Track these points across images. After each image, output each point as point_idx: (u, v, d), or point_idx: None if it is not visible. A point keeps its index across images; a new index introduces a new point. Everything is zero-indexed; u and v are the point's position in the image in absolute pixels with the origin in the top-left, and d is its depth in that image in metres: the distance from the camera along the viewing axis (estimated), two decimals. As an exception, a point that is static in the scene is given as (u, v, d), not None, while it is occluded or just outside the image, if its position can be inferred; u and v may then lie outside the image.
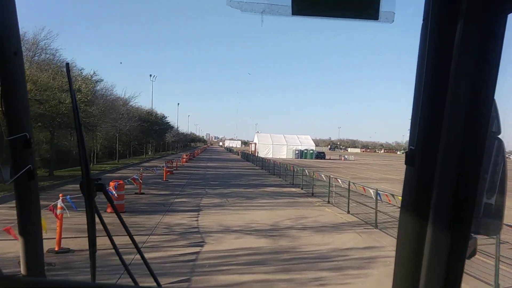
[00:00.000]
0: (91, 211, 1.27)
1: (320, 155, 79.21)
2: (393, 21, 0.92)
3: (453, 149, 0.84)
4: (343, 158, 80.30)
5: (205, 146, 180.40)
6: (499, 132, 0.90)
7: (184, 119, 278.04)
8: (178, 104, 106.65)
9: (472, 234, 0.90)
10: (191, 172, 28.29)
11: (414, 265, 0.91)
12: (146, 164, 31.46)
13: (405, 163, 0.92)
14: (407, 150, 0.93)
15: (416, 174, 0.90)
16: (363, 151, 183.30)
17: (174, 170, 29.27)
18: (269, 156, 74.33)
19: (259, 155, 71.78)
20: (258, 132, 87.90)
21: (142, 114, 48.39)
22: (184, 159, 41.11)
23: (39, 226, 1.33)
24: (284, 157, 75.26)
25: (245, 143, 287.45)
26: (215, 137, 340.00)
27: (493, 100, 0.84)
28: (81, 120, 1.37)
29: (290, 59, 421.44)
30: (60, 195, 7.99)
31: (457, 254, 0.87)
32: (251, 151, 79.35)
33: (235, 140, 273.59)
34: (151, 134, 48.04)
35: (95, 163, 34.96)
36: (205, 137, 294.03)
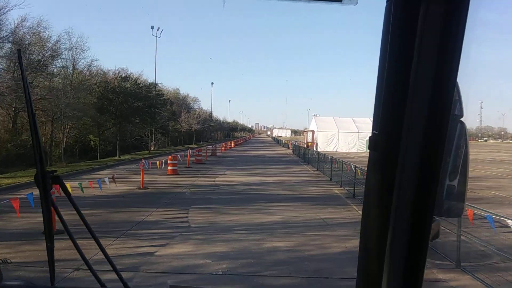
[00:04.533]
0: (47, 205, 1.23)
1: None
2: (356, 3, 0.89)
3: (416, 132, 0.84)
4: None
5: (250, 135, 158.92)
6: (461, 115, 0.90)
7: (225, 104, 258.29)
8: (212, 83, 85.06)
9: (434, 217, 0.90)
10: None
11: (378, 248, 0.91)
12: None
13: (368, 148, 0.90)
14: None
15: (379, 158, 0.90)
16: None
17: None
18: (333, 149, 50.82)
19: (319, 148, 48.40)
20: (315, 115, 64.08)
21: (112, 81, 26.75)
22: (171, 167, 18.62)
23: None
24: (356, 150, 51.04)
25: (295, 132, 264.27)
26: (264, 126, 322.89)
27: (455, 83, 0.84)
28: (35, 110, 1.21)
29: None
30: None
31: (420, 236, 0.88)
32: (307, 142, 55.88)
33: (284, 129, 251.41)
34: (127, 116, 26.08)
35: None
36: (254, 127, 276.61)
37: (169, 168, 18.48)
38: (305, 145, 52.74)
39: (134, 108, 26.02)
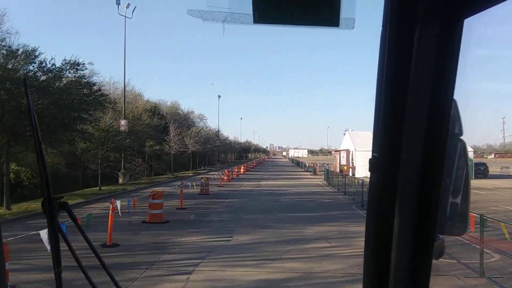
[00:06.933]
0: (54, 230, 1.26)
1: (481, 170, 39.82)
2: (353, 27, 0.92)
3: (415, 153, 0.85)
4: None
5: (265, 157, 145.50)
6: (461, 133, 0.90)
7: (236, 123, 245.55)
8: (219, 96, 72.41)
9: (438, 235, 0.90)
10: None
11: (382, 269, 0.90)
12: None
13: (369, 170, 0.92)
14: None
15: (380, 180, 0.90)
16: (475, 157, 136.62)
17: None
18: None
19: (357, 173, 34.71)
20: (348, 129, 50.17)
21: None
22: None
23: (1, 254, 1.37)
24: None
25: (311, 152, 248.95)
26: (278, 147, 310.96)
27: (452, 101, 0.85)
28: (41, 137, 1.35)
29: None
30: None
31: (424, 256, 0.88)
32: (341, 165, 42.11)
33: (300, 149, 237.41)
34: (13, 125, 12.64)
35: None
36: (268, 148, 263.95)
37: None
38: (340, 169, 39.21)
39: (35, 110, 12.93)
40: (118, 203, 9.45)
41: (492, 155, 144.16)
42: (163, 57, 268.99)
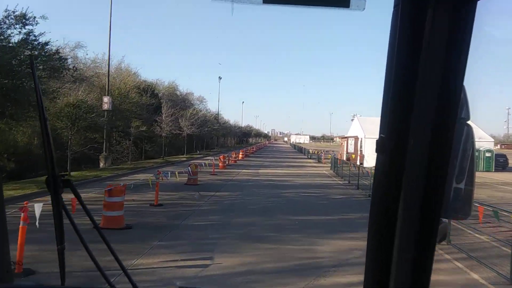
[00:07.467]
0: (58, 207, 1.26)
1: (500, 162, 36.54)
2: (364, 8, 0.91)
3: (423, 136, 0.86)
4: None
5: (266, 142, 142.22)
6: (468, 118, 0.90)
7: (238, 107, 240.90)
8: (220, 78, 68.81)
9: (442, 219, 0.90)
10: None
11: (385, 249, 0.91)
12: None
13: (376, 151, 0.92)
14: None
15: (387, 161, 0.90)
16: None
17: None
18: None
19: (366, 163, 31.49)
20: (355, 115, 46.65)
21: None
22: None
23: (4, 228, 1.33)
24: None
25: (313, 138, 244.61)
26: (280, 132, 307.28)
27: (462, 86, 0.86)
28: (47, 115, 1.28)
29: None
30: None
31: (427, 238, 0.89)
32: (348, 153, 38.79)
33: (302, 135, 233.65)
34: None
35: None
36: (270, 133, 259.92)
37: None
38: (347, 157, 35.98)
39: None
40: (37, 207, 6.21)
41: (498, 146, 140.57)
42: (169, 37, 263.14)
